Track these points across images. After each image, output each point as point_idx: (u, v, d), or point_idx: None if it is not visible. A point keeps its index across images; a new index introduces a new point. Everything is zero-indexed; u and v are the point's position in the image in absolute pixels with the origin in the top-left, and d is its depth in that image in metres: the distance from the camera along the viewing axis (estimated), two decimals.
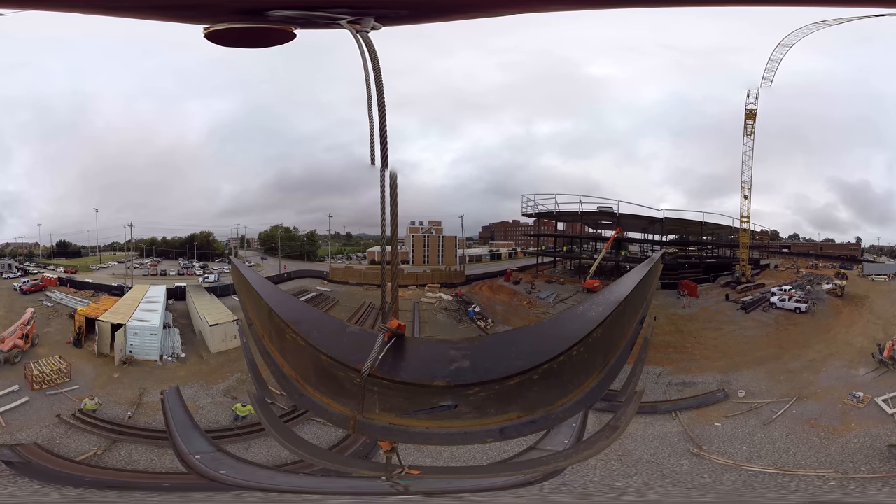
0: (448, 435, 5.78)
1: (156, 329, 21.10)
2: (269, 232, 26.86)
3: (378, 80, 5.48)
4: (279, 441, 7.71)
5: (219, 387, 19.72)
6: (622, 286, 7.13)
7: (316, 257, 26.69)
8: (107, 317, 21.24)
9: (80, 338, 21.21)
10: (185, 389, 19.38)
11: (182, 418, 17.99)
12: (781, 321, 20.17)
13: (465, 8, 6.66)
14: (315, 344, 6.07)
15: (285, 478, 15.70)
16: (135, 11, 7.23)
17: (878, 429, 15.65)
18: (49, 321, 22.09)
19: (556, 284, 25.67)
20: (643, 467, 14.95)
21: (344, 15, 5.56)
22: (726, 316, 21.03)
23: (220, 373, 20.29)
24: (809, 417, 16.22)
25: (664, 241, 25.31)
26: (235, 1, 6.05)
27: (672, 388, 17.61)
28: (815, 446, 15.44)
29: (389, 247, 6.50)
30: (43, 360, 19.60)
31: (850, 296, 21.28)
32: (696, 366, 18.33)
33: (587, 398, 6.05)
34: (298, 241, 26.92)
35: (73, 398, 18.90)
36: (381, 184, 6.03)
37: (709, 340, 19.82)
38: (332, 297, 25.47)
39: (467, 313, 23.91)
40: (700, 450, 15.52)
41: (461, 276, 26.35)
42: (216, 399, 19.17)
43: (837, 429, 15.74)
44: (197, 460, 15.95)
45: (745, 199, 22.58)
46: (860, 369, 17.49)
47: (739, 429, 16.18)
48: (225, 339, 21.37)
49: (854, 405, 16.42)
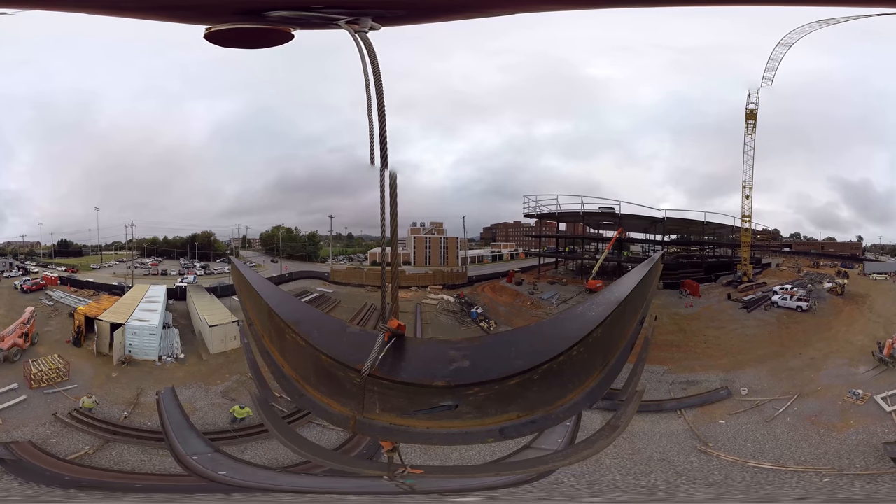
0: (448, 435, 5.78)
1: (155, 329, 20.97)
2: (270, 232, 26.73)
3: (377, 81, 5.47)
4: (282, 441, 7.71)
5: (217, 388, 19.52)
6: (622, 286, 7.13)
7: (317, 258, 26.56)
8: (106, 316, 21.12)
9: (80, 337, 20.77)
10: (183, 390, 19.18)
11: (178, 419, 17.81)
12: (783, 319, 20.32)
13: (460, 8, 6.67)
14: (315, 344, 6.07)
15: (287, 478, 15.62)
16: (136, 11, 7.25)
17: (876, 426, 15.83)
18: (49, 320, 21.81)
19: (558, 285, 25.57)
20: (655, 465, 15.24)
21: (341, 15, 5.56)
22: (728, 315, 21.06)
23: (220, 374, 20.08)
24: (810, 414, 16.44)
25: (666, 241, 25.23)
26: (234, 1, 6.05)
27: (676, 386, 17.85)
28: (816, 443, 15.63)
29: (390, 248, 6.50)
30: (42, 359, 19.39)
31: (850, 294, 21.30)
32: (699, 364, 18.50)
33: (587, 398, 6.05)
34: (300, 242, 26.78)
35: (70, 397, 18.62)
36: (381, 184, 6.03)
37: (711, 339, 19.98)
38: (333, 299, 25.26)
39: (470, 314, 23.76)
40: (707, 447, 15.74)
41: (463, 277, 26.22)
42: (214, 400, 18.95)
43: (837, 426, 15.98)
44: (195, 461, 15.78)
45: (746, 198, 22.49)
46: (860, 367, 17.59)
47: (743, 426, 16.41)
48: (225, 339, 21.22)
49: (853, 402, 16.62)
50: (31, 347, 20.15)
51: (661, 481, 14.71)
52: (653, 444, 15.77)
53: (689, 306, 22.03)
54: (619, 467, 15.00)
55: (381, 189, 6.06)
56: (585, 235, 28.23)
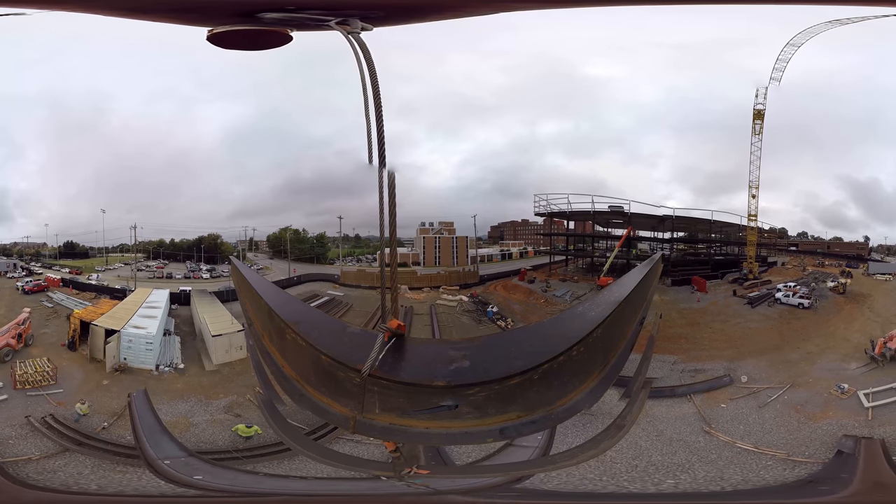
0: (448, 435, 5.77)
1: (152, 338, 20.18)
2: (277, 234, 26.60)
3: (374, 81, 5.49)
4: (290, 444, 7.68)
5: (220, 402, 18.74)
6: (622, 286, 7.11)
7: (326, 260, 26.40)
8: (102, 321, 20.32)
9: (75, 341, 20.74)
10: (180, 403, 18.48)
11: (150, 422, 17.12)
12: (785, 316, 21.01)
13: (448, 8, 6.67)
14: (315, 344, 6.07)
15: (273, 482, 14.95)
16: (141, 13, 7.30)
17: (850, 419, 16.69)
18: (47, 322, 21.44)
19: (569, 283, 25.74)
20: (676, 446, 16.37)
21: (329, 17, 5.59)
22: (733, 310, 21.63)
23: (223, 387, 19.37)
24: (796, 403, 17.40)
25: (674, 239, 25.32)
26: (231, 5, 6.09)
27: (685, 374, 18.89)
28: (793, 430, 16.67)
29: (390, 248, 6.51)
30: (29, 361, 19.05)
31: (852, 294, 21.75)
32: (705, 354, 19.43)
33: (587, 398, 6.03)
34: (308, 244, 26.63)
35: (52, 401, 18.18)
36: (380, 183, 6.04)
37: (717, 332, 20.73)
38: (345, 302, 24.67)
39: (486, 314, 23.84)
40: (710, 428, 16.94)
41: (475, 276, 26.27)
42: (215, 416, 18.20)
43: (816, 415, 16.95)
44: (167, 466, 15.04)
45: (752, 198, 22.41)
46: (852, 364, 18.23)
47: (740, 410, 17.57)
48: (230, 350, 20.10)
49: (838, 396, 17.42)
50: (24, 349, 19.68)
51: (684, 460, 15.82)
52: (671, 426, 16.88)
53: (698, 301, 22.38)
54: (655, 449, 16.03)
55: (379, 189, 6.07)
56: (595, 234, 28.32)
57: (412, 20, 6.34)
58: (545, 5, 7.11)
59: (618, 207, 24.93)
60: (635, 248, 26.73)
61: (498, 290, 26.11)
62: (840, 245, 23.86)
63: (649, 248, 26.79)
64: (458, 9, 6.74)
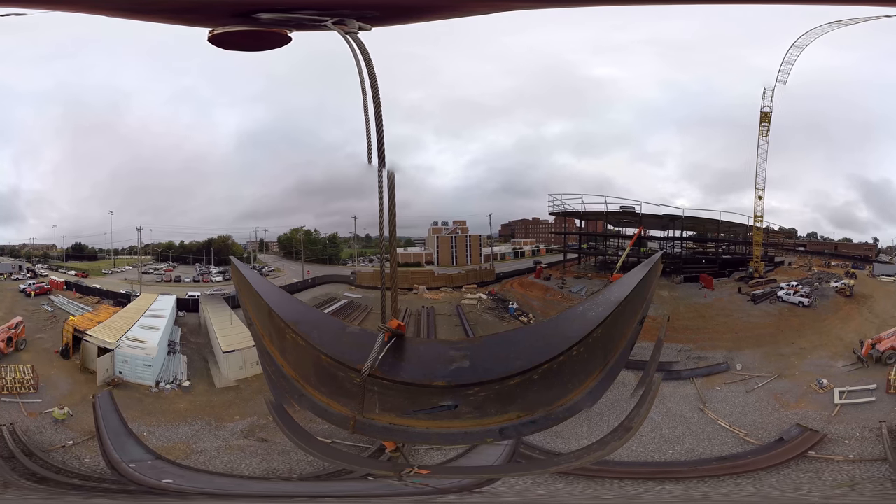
0: (448, 435, 5.77)
1: (150, 361, 18.34)
2: (288, 235, 26.32)
3: (373, 81, 5.52)
4: (299, 445, 7.67)
5: (236, 425, 16.71)
6: (622, 286, 7.08)
7: (339, 260, 26.11)
8: (97, 332, 18.82)
9: (69, 349, 19.02)
10: (184, 427, 16.76)
11: (115, 424, 15.98)
12: (784, 313, 22.32)
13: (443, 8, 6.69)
14: (315, 344, 6.09)
15: (253, 484, 14.16)
16: (137, 13, 7.34)
17: (815, 412, 17.82)
18: (44, 327, 20.02)
19: (584, 280, 26.40)
20: (679, 421, 18.19)
21: (325, 16, 5.62)
22: (737, 306, 23.33)
23: (239, 407, 17.30)
24: (777, 392, 18.85)
25: (683, 238, 25.74)
26: (228, 5, 6.12)
27: (692, 360, 20.72)
28: (766, 414, 18.18)
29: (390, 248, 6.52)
30: (11, 367, 17.80)
31: (854, 294, 22.45)
32: (710, 344, 21.19)
33: (587, 398, 6.01)
34: (320, 245, 26.35)
35: (25, 411, 16.96)
36: (379, 183, 6.07)
37: (721, 325, 22.48)
38: (364, 305, 23.57)
39: (507, 310, 24.36)
40: (704, 406, 18.80)
41: (491, 274, 26.47)
42: (228, 442, 16.08)
43: (789, 404, 18.26)
44: (131, 469, 14.11)
45: (759, 198, 22.59)
46: (839, 362, 19.52)
47: (730, 393, 19.20)
48: (244, 366, 18.17)
49: (816, 390, 18.62)
50: (15, 353, 18.75)
51: (682, 433, 17.65)
52: (677, 404, 18.79)
53: (705, 297, 23.79)
54: (666, 424, 17.93)
55: (379, 189, 6.10)
56: (608, 233, 28.70)
57: (409, 20, 6.37)
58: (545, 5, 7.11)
59: (629, 208, 25.21)
60: (644, 247, 26.95)
61: (514, 287, 26.30)
62: (847, 246, 23.89)
63: (659, 246, 27.00)
64: (455, 9, 6.76)
